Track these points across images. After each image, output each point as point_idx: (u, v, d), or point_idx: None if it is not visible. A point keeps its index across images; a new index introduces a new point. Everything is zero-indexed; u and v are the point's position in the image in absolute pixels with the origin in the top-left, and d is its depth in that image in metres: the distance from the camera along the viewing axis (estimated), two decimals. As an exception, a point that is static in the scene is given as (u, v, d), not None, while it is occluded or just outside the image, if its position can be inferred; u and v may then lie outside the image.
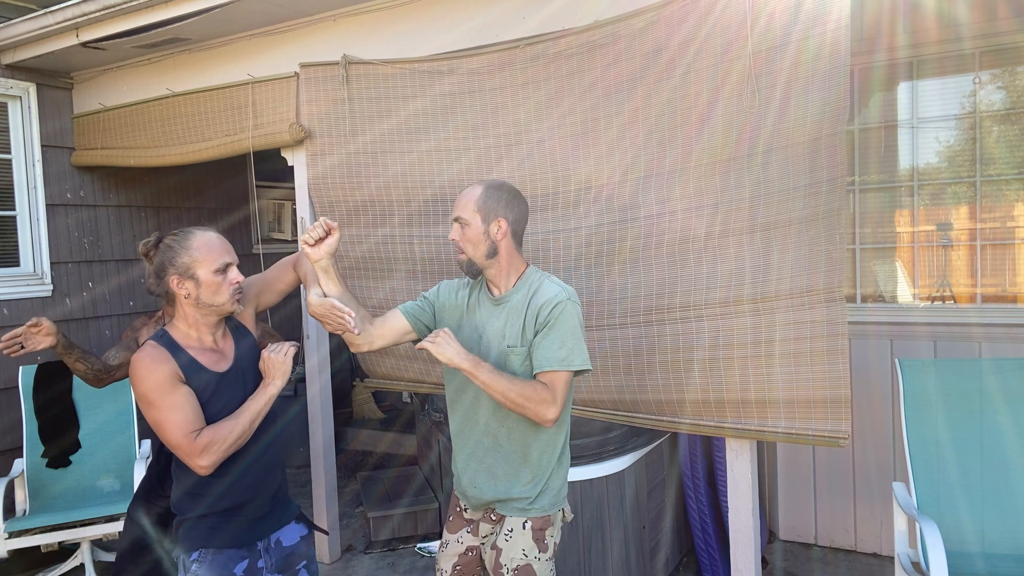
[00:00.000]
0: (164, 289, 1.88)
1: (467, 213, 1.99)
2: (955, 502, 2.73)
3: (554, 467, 2.03)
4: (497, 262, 2.01)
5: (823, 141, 2.29)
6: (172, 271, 1.85)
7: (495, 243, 1.99)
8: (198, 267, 1.85)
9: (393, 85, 3.19)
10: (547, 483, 2.01)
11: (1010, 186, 3.29)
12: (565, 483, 2.09)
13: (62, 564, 3.61)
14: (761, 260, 2.42)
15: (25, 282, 4.15)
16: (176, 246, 1.87)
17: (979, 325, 3.28)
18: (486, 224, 1.97)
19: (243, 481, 1.90)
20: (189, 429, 1.77)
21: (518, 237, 2.04)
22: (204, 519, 1.89)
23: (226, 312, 1.92)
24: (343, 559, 3.77)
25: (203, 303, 1.87)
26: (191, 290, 1.86)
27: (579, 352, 1.92)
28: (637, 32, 2.58)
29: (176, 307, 1.90)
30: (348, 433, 5.74)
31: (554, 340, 1.90)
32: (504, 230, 1.98)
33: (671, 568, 3.42)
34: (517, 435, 2.00)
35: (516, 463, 2.00)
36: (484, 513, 2.09)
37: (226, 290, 1.88)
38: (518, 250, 2.04)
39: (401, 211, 3.26)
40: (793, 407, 2.42)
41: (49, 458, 3.67)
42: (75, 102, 4.39)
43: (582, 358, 1.92)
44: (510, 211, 1.99)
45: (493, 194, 1.99)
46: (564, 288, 1.96)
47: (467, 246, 2.01)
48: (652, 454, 3.22)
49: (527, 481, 2.00)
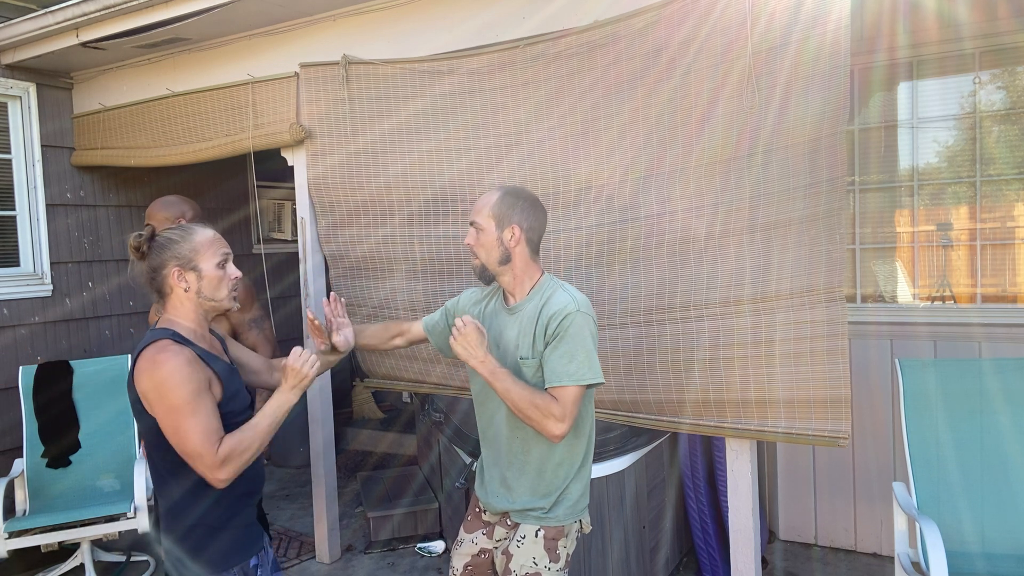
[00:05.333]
0: (160, 284, 1.84)
1: (482, 218, 1.98)
2: (955, 502, 2.73)
3: (572, 479, 1.98)
4: (511, 269, 1.99)
5: (823, 141, 2.29)
6: (173, 263, 1.81)
7: (508, 250, 1.97)
8: (201, 259, 1.82)
9: (393, 85, 3.19)
10: (563, 494, 1.97)
11: (1010, 186, 3.29)
12: (585, 495, 2.03)
13: (62, 564, 3.61)
14: (761, 260, 2.42)
15: (25, 282, 4.15)
16: (177, 238, 1.84)
17: (979, 325, 3.28)
18: (500, 230, 1.96)
19: (250, 472, 1.87)
20: (214, 437, 1.69)
21: (533, 245, 2.01)
22: (223, 531, 1.83)
23: (224, 309, 1.89)
24: (343, 559, 3.77)
25: (204, 297, 1.84)
26: (192, 283, 1.82)
27: (590, 365, 1.86)
28: (637, 32, 2.58)
29: (171, 303, 1.84)
30: (348, 433, 5.73)
31: (563, 354, 1.86)
32: (518, 237, 1.96)
33: (671, 568, 3.42)
34: (533, 448, 1.96)
35: (531, 477, 1.97)
36: (500, 517, 2.08)
37: (226, 285, 1.87)
38: (534, 258, 2.01)
39: (401, 211, 3.26)
40: (793, 407, 2.42)
41: (49, 458, 3.67)
42: (75, 102, 4.39)
43: (593, 372, 1.86)
44: (525, 218, 1.97)
45: (509, 200, 1.98)
46: (575, 299, 1.91)
47: (480, 251, 2.00)
48: (652, 454, 3.22)
49: (542, 494, 1.97)
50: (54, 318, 4.26)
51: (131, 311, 4.67)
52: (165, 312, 1.86)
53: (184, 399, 1.68)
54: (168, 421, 1.70)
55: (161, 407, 1.70)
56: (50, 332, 4.25)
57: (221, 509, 1.82)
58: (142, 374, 1.72)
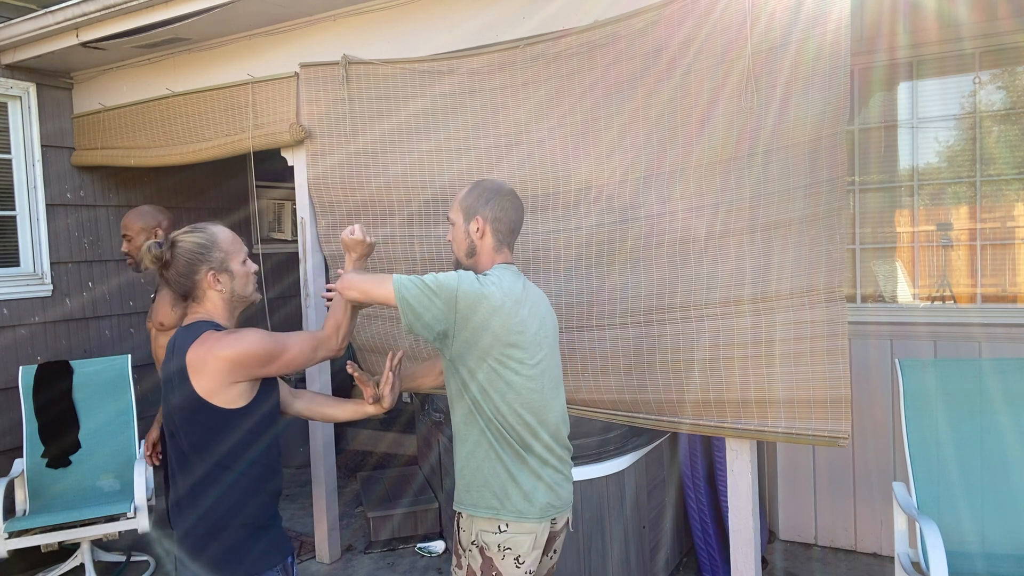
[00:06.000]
0: (191, 288, 1.88)
1: (453, 212, 2.03)
2: (955, 502, 2.73)
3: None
4: (476, 262, 2.01)
5: (823, 141, 2.29)
6: (206, 267, 1.86)
7: (474, 243, 1.99)
8: (231, 260, 1.90)
9: (393, 85, 3.19)
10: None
11: (1010, 186, 3.29)
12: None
13: (62, 564, 3.61)
14: (761, 260, 2.42)
15: (25, 282, 4.15)
16: (206, 242, 1.88)
17: (979, 325, 3.28)
18: (467, 223, 1.98)
19: (274, 467, 1.91)
20: (312, 337, 1.96)
21: (500, 236, 2.00)
22: (261, 530, 1.85)
23: (252, 300, 1.97)
24: (343, 559, 3.77)
25: (236, 295, 1.91)
26: (227, 284, 1.89)
27: (411, 278, 1.86)
28: (637, 32, 2.58)
29: (203, 305, 1.89)
30: (348, 433, 5.73)
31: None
32: (482, 229, 1.97)
33: (671, 568, 3.42)
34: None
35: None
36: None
37: (251, 280, 1.95)
38: (499, 250, 2.00)
39: (401, 211, 3.25)
40: (793, 407, 2.42)
41: (49, 458, 3.67)
42: (75, 102, 4.39)
43: (410, 282, 1.85)
44: (490, 210, 1.97)
45: (475, 192, 2.00)
46: (472, 274, 1.91)
47: (454, 245, 2.04)
48: (652, 454, 3.22)
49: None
50: (54, 318, 4.26)
51: (131, 311, 4.67)
52: (196, 313, 1.90)
53: (279, 341, 1.87)
54: (276, 363, 1.84)
55: (263, 359, 1.81)
56: (50, 332, 4.25)
57: (240, 495, 1.82)
58: (228, 347, 1.76)
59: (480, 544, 1.92)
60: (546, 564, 2.06)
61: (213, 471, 1.79)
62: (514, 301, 1.88)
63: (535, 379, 1.90)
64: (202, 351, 1.76)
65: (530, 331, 1.90)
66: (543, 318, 1.98)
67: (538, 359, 1.92)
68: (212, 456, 1.78)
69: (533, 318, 1.93)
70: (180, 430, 1.81)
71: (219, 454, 1.78)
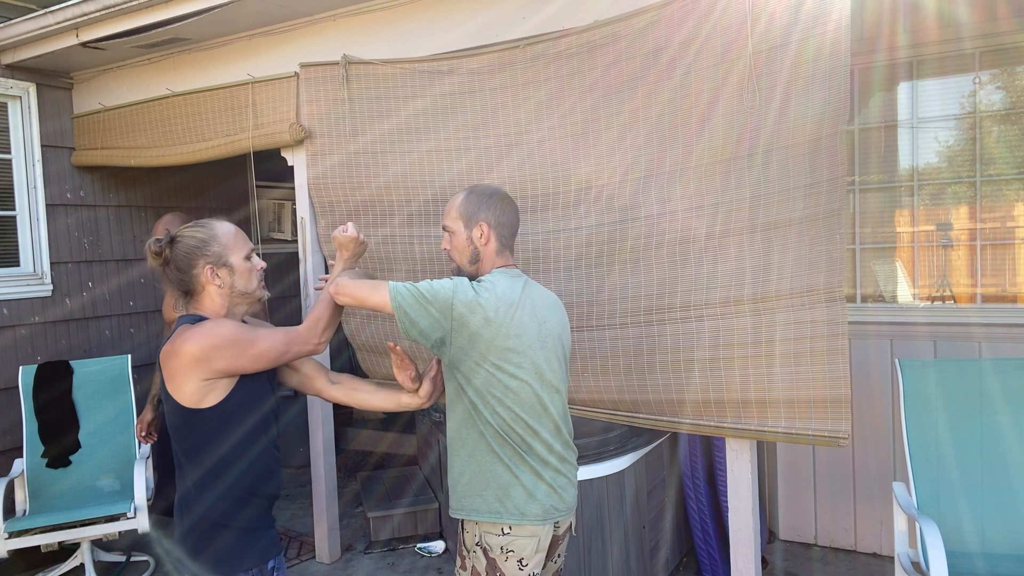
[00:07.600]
0: (191, 284, 1.86)
1: (451, 220, 2.01)
2: (955, 502, 2.73)
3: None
4: (479, 268, 2.01)
5: (823, 141, 2.29)
6: (204, 261, 1.83)
7: (478, 249, 1.99)
8: (231, 254, 1.87)
9: (393, 85, 3.19)
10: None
11: (1010, 186, 3.29)
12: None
13: (62, 564, 3.61)
14: (761, 260, 2.42)
15: (25, 282, 4.15)
16: (204, 236, 1.86)
17: (979, 325, 3.28)
18: (468, 230, 1.98)
19: (267, 470, 1.89)
20: (287, 332, 1.86)
21: (504, 240, 2.01)
22: (247, 531, 1.83)
23: (256, 298, 1.93)
24: (343, 559, 3.77)
25: (236, 291, 1.87)
26: (225, 279, 1.85)
27: (406, 285, 1.86)
28: (637, 32, 2.58)
29: (202, 301, 1.87)
30: (348, 433, 5.74)
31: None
32: (487, 234, 1.97)
33: (671, 568, 3.42)
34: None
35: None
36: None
37: (256, 276, 1.91)
38: (502, 253, 2.01)
39: (401, 211, 3.25)
40: (793, 407, 2.42)
41: (49, 458, 3.67)
42: (75, 102, 4.39)
43: (406, 289, 1.86)
44: (493, 215, 1.98)
45: (474, 199, 1.99)
46: (468, 282, 1.91)
47: (455, 254, 2.03)
48: (652, 454, 3.22)
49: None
50: (54, 318, 4.26)
51: (131, 311, 4.67)
52: (194, 310, 1.88)
53: (249, 333, 1.79)
54: (244, 357, 1.76)
55: (229, 352, 1.74)
56: (50, 332, 4.25)
57: (231, 503, 1.81)
58: (190, 340, 1.72)
59: (484, 546, 1.92)
60: (550, 568, 2.06)
61: (205, 478, 1.78)
62: (508, 306, 1.88)
63: (534, 380, 1.90)
64: (169, 350, 1.75)
65: (528, 334, 1.90)
66: (544, 318, 1.97)
67: (538, 360, 1.91)
68: (203, 463, 1.77)
69: (532, 320, 1.92)
70: (172, 435, 1.82)
71: (209, 462, 1.77)
